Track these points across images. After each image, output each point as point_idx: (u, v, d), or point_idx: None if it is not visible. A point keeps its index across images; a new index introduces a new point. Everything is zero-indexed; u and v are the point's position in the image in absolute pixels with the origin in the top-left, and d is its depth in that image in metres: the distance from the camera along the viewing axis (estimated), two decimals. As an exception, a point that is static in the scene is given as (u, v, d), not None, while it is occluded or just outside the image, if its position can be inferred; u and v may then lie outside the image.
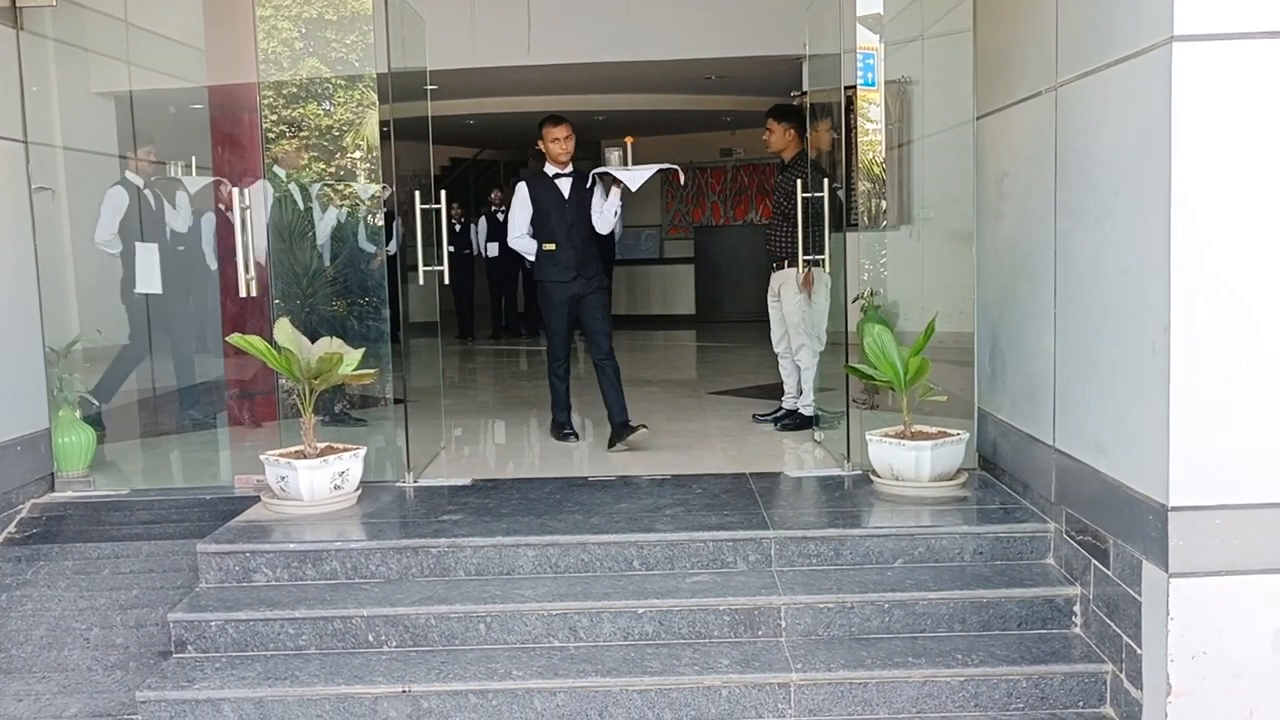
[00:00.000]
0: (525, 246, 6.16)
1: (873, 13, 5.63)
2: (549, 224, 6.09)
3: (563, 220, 6.06)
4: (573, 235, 6.02)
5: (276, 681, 3.78)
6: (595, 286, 6.14)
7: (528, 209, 6.13)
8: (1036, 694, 3.74)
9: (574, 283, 6.03)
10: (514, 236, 6.23)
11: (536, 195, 6.12)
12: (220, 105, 6.69)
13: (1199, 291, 3.23)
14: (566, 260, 6.04)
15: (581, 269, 6.03)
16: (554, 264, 6.07)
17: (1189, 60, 3.18)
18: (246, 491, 5.20)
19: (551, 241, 6.01)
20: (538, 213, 6.11)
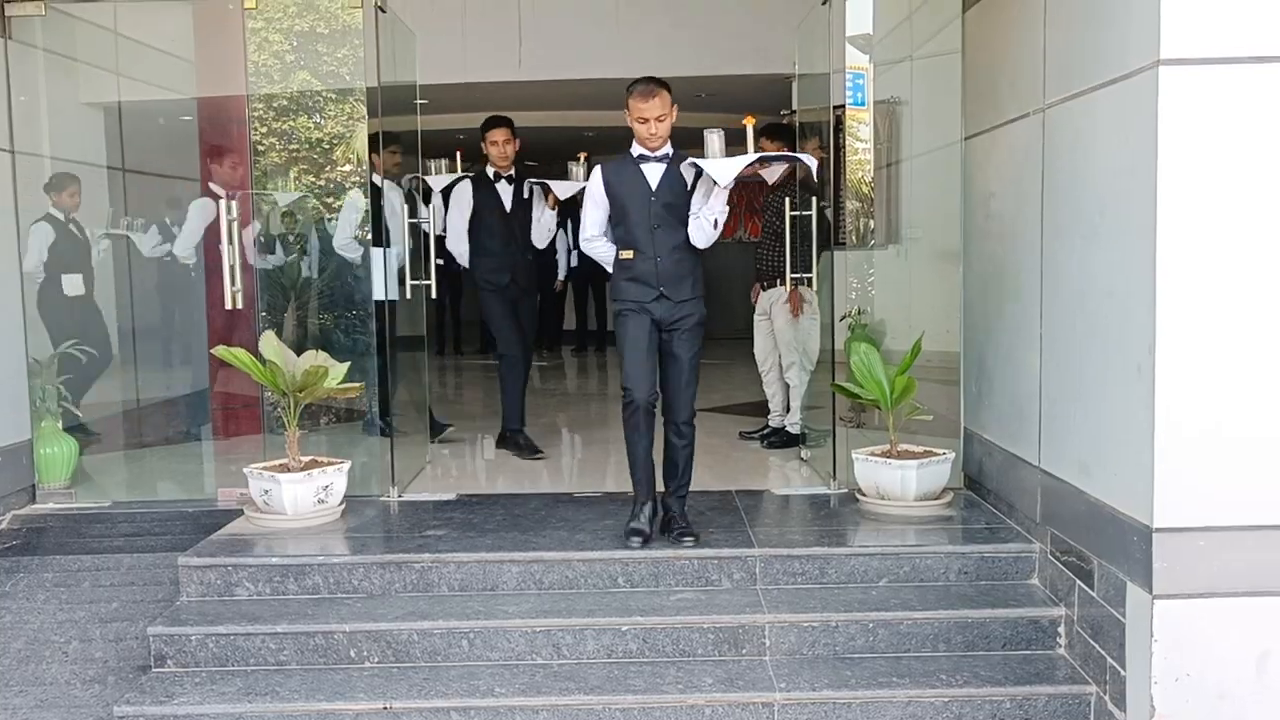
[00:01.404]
0: (601, 253, 4.62)
1: (862, 33, 5.64)
2: (627, 218, 4.47)
3: (645, 218, 4.43)
4: (658, 241, 4.43)
5: (257, 697, 3.75)
6: (686, 314, 4.45)
7: (601, 202, 4.53)
8: (1020, 715, 3.73)
9: (657, 304, 4.44)
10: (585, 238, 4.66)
11: (615, 184, 4.48)
12: (209, 117, 6.67)
13: (1184, 313, 3.24)
14: (647, 272, 4.44)
15: (668, 287, 4.45)
16: (631, 278, 4.48)
17: (1176, 84, 3.20)
18: (230, 505, 5.17)
19: (630, 247, 4.46)
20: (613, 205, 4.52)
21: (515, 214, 6.29)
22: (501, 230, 6.24)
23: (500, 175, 6.26)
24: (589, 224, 4.58)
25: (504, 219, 6.24)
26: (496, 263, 6.28)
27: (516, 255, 6.30)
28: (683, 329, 4.43)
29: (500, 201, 6.27)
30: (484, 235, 6.29)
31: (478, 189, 6.28)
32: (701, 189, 4.43)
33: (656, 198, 4.39)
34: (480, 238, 6.30)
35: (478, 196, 6.28)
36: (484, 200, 6.28)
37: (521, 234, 6.31)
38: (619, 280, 4.49)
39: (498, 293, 6.31)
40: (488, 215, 6.26)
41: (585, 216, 4.60)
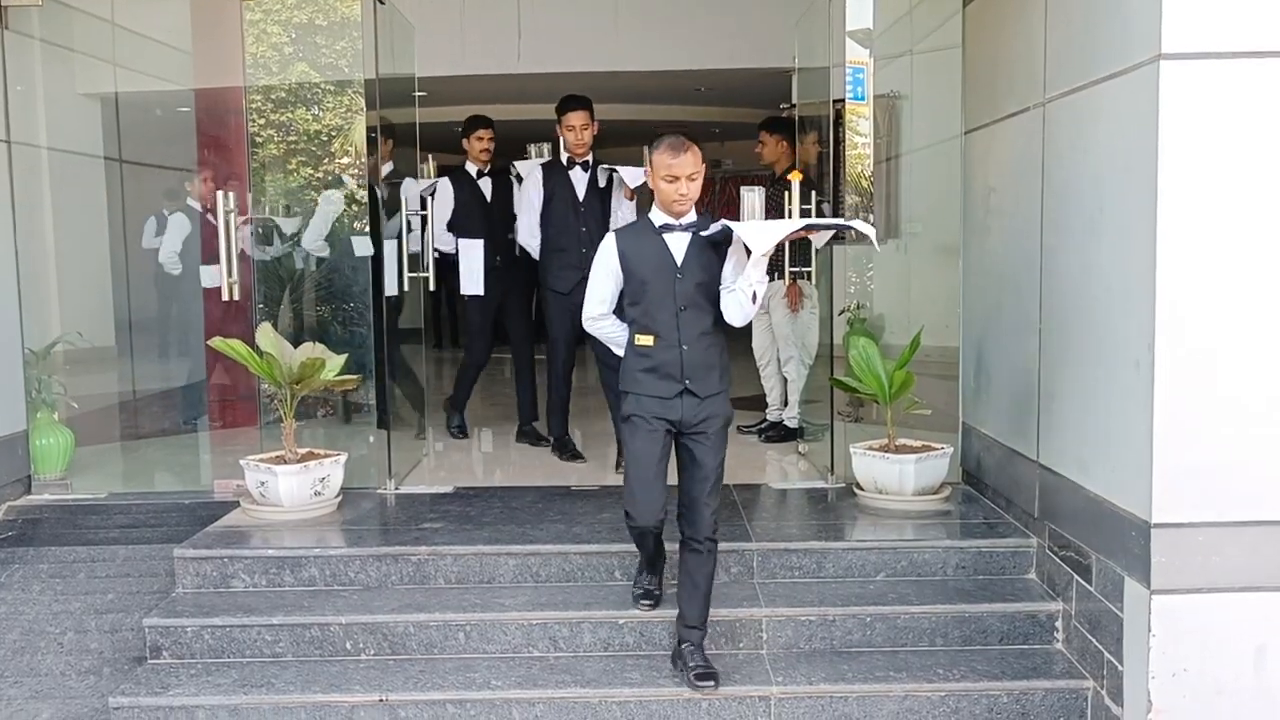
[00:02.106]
0: (609, 333, 3.82)
1: (862, 27, 5.62)
2: (645, 297, 3.66)
3: (670, 299, 3.64)
4: (684, 325, 3.63)
5: (252, 689, 3.74)
6: (712, 414, 3.69)
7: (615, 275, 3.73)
8: (1017, 709, 3.73)
9: (679, 402, 3.64)
10: (590, 316, 3.83)
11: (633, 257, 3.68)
12: (207, 109, 6.65)
13: (1184, 308, 3.23)
14: (670, 363, 3.64)
15: (695, 380, 3.65)
16: (649, 369, 3.66)
17: (1176, 78, 3.19)
18: (226, 496, 5.16)
19: (649, 332, 3.65)
20: (630, 282, 3.70)
21: (590, 204, 5.73)
22: (573, 223, 5.69)
23: (575, 161, 5.74)
24: (595, 299, 3.76)
25: (576, 211, 5.70)
26: (565, 260, 5.69)
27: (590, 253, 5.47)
28: (708, 431, 3.65)
29: (573, 190, 5.72)
30: (552, 229, 5.76)
31: (549, 177, 5.78)
32: (734, 256, 3.65)
33: (684, 275, 3.60)
34: (548, 232, 5.78)
35: (549, 185, 5.76)
36: (556, 189, 5.74)
37: (597, 228, 5.55)
38: (633, 370, 3.67)
39: (561, 300, 5.69)
40: (559, 206, 5.74)
41: (592, 289, 3.76)
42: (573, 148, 5.68)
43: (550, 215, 5.74)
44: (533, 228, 5.82)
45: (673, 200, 3.58)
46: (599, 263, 3.75)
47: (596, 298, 3.78)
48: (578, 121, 5.63)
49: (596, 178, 5.71)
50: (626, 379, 3.72)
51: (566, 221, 5.70)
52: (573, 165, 5.71)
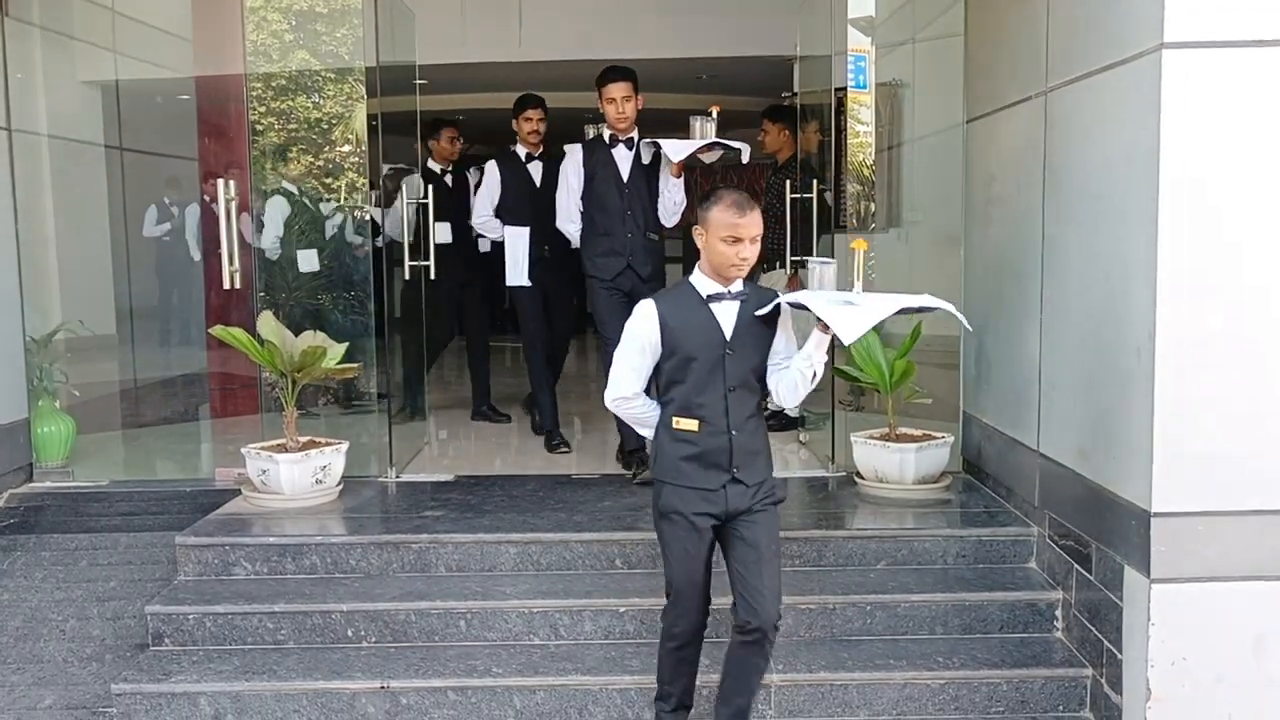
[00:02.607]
0: (639, 415, 3.30)
1: (864, 15, 5.61)
2: (690, 376, 3.17)
3: (718, 379, 3.17)
4: (734, 408, 3.18)
5: (254, 676, 3.75)
6: (763, 495, 3.24)
7: (652, 349, 3.21)
8: (1017, 697, 3.74)
9: (727, 491, 3.17)
10: (620, 396, 3.27)
11: (678, 329, 3.17)
12: (208, 96, 6.64)
13: (1184, 297, 3.23)
14: (717, 450, 3.18)
15: (744, 469, 3.20)
16: (692, 456, 3.18)
17: (1178, 67, 3.18)
18: (227, 484, 5.17)
19: (693, 415, 3.17)
20: (671, 358, 3.19)
21: (634, 184, 5.20)
22: (617, 205, 5.18)
23: (618, 139, 5.22)
24: (627, 379, 3.20)
25: (620, 191, 5.19)
26: (609, 246, 5.18)
27: (636, 237, 5.16)
28: (757, 508, 3.21)
29: (616, 169, 5.21)
30: (594, 212, 5.24)
31: (591, 155, 5.27)
32: (784, 329, 3.27)
33: (735, 351, 3.14)
34: (590, 215, 5.28)
35: (590, 164, 5.26)
36: (597, 168, 5.25)
37: (643, 210, 5.18)
38: (670, 458, 3.18)
39: (608, 287, 5.20)
40: (601, 187, 5.22)
41: (623, 363, 3.21)
42: (614, 123, 5.18)
43: (592, 197, 5.24)
44: (571, 211, 5.33)
45: (730, 265, 3.08)
46: (633, 333, 3.18)
47: (628, 375, 3.20)
48: (619, 93, 5.13)
49: (640, 155, 5.21)
50: (662, 467, 3.21)
51: (609, 203, 5.18)
52: (615, 143, 5.22)
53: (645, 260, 5.17)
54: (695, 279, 3.20)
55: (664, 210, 5.21)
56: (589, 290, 5.32)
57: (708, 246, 3.12)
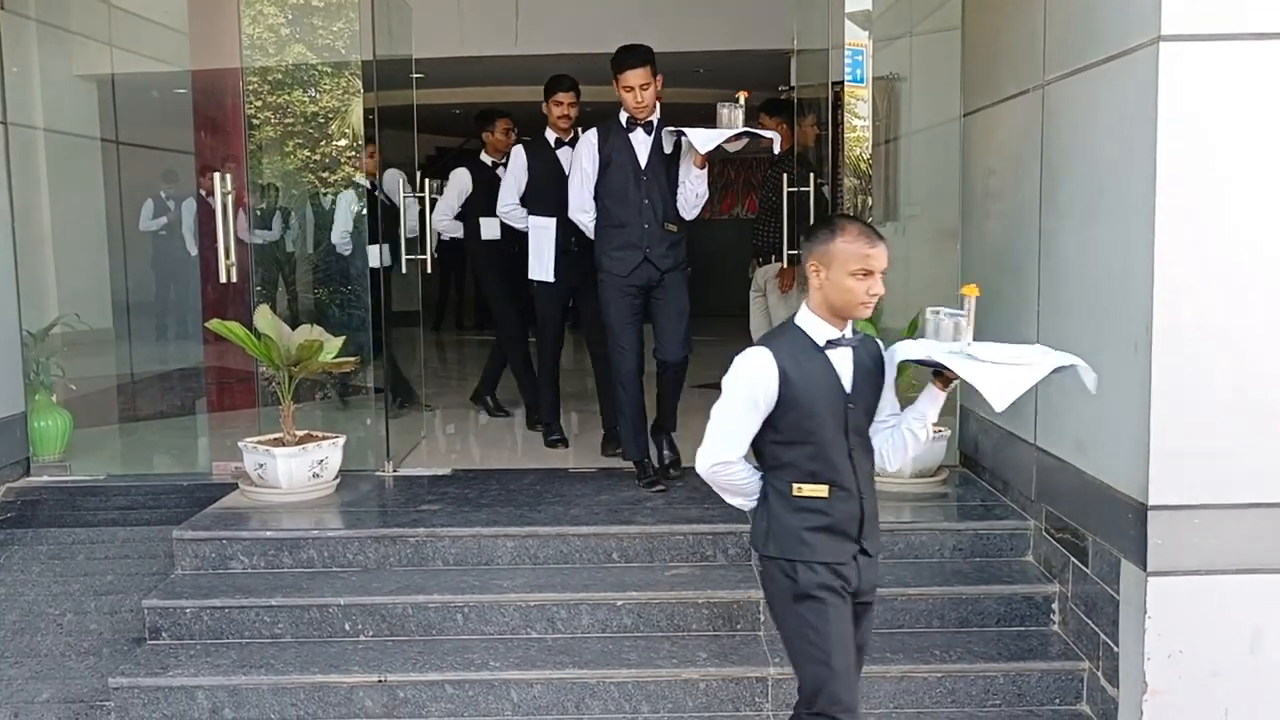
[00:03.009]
0: (740, 482, 2.85)
1: (861, 9, 5.61)
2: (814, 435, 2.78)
3: (841, 436, 2.82)
4: (860, 467, 2.88)
5: (251, 669, 3.75)
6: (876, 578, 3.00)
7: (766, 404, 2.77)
8: (1014, 691, 3.74)
9: (855, 565, 2.85)
10: (720, 461, 2.81)
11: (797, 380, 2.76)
12: (204, 90, 6.63)
13: (1182, 291, 3.23)
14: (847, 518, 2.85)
15: (870, 538, 2.93)
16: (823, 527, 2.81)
17: (1176, 60, 3.17)
18: (224, 478, 5.17)
19: (822, 480, 2.81)
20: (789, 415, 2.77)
21: (653, 172, 4.83)
22: (634, 195, 4.82)
23: (636, 123, 4.84)
24: (734, 440, 2.75)
25: (638, 180, 4.82)
26: (624, 239, 4.83)
27: (654, 228, 4.81)
28: (873, 601, 2.95)
29: (634, 155, 4.84)
30: (610, 202, 4.88)
31: (606, 139, 4.89)
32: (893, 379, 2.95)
33: (856, 404, 2.80)
34: (604, 205, 4.91)
35: (605, 149, 4.89)
36: (613, 154, 4.87)
37: (661, 199, 4.83)
38: (794, 530, 2.75)
39: (620, 283, 4.84)
40: (618, 174, 4.85)
41: (728, 424, 2.75)
42: (633, 111, 4.81)
43: (606, 185, 4.88)
44: (584, 200, 4.95)
45: (860, 304, 2.72)
46: (745, 385, 2.72)
47: (736, 435, 2.75)
48: (636, 81, 4.73)
49: (661, 141, 4.84)
50: (784, 543, 2.76)
51: (625, 192, 4.82)
52: (634, 127, 4.83)
53: (666, 252, 4.82)
54: (805, 321, 2.77)
55: (684, 203, 4.88)
56: (601, 287, 4.92)
57: (830, 282, 2.71)
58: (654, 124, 4.84)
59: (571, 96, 5.64)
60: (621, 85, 4.78)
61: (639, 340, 4.90)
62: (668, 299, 4.86)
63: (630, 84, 4.75)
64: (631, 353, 4.87)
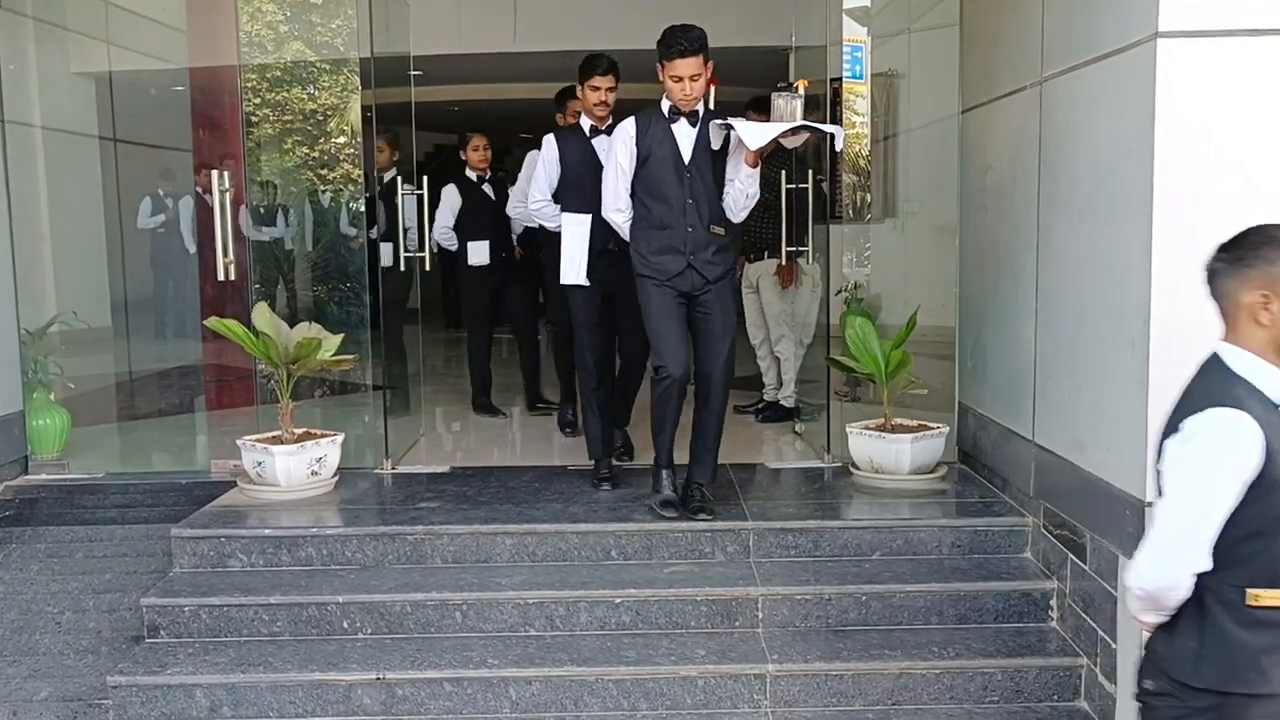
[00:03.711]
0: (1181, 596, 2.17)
1: (860, 5, 5.60)
2: None
3: None
4: None
5: (250, 668, 3.75)
6: None
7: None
8: (1012, 687, 3.74)
9: None
10: None
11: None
12: (202, 88, 6.63)
13: (1179, 288, 3.21)
14: None
15: None
16: None
17: (1173, 56, 3.17)
18: (223, 476, 5.16)
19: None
20: None
21: (698, 169, 4.36)
22: (676, 193, 4.35)
23: (679, 113, 4.37)
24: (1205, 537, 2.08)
25: (680, 176, 4.35)
26: (665, 241, 4.35)
27: (698, 230, 4.34)
28: None
29: (676, 149, 4.36)
30: (649, 198, 4.40)
31: (646, 130, 4.41)
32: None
33: None
34: (643, 201, 4.42)
35: (645, 142, 4.40)
36: (654, 147, 4.39)
37: (707, 198, 4.36)
38: (1251, 651, 2.11)
39: (663, 287, 4.36)
40: (657, 170, 4.37)
41: (1186, 525, 2.09)
42: (680, 103, 4.32)
43: (645, 181, 4.39)
44: (620, 196, 4.46)
45: None
46: (1226, 463, 2.07)
47: (1203, 536, 2.08)
48: (687, 71, 4.24)
49: (707, 134, 4.37)
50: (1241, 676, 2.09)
51: (666, 191, 4.35)
52: (676, 117, 4.36)
53: (712, 259, 4.34)
54: (1250, 370, 2.15)
55: (732, 203, 4.40)
56: (640, 288, 4.42)
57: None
58: (699, 114, 4.37)
59: (610, 80, 5.02)
60: (669, 74, 4.28)
61: (686, 349, 4.36)
62: (714, 313, 4.37)
63: (680, 74, 4.24)
64: (679, 362, 4.30)
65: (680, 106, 4.33)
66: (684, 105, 4.33)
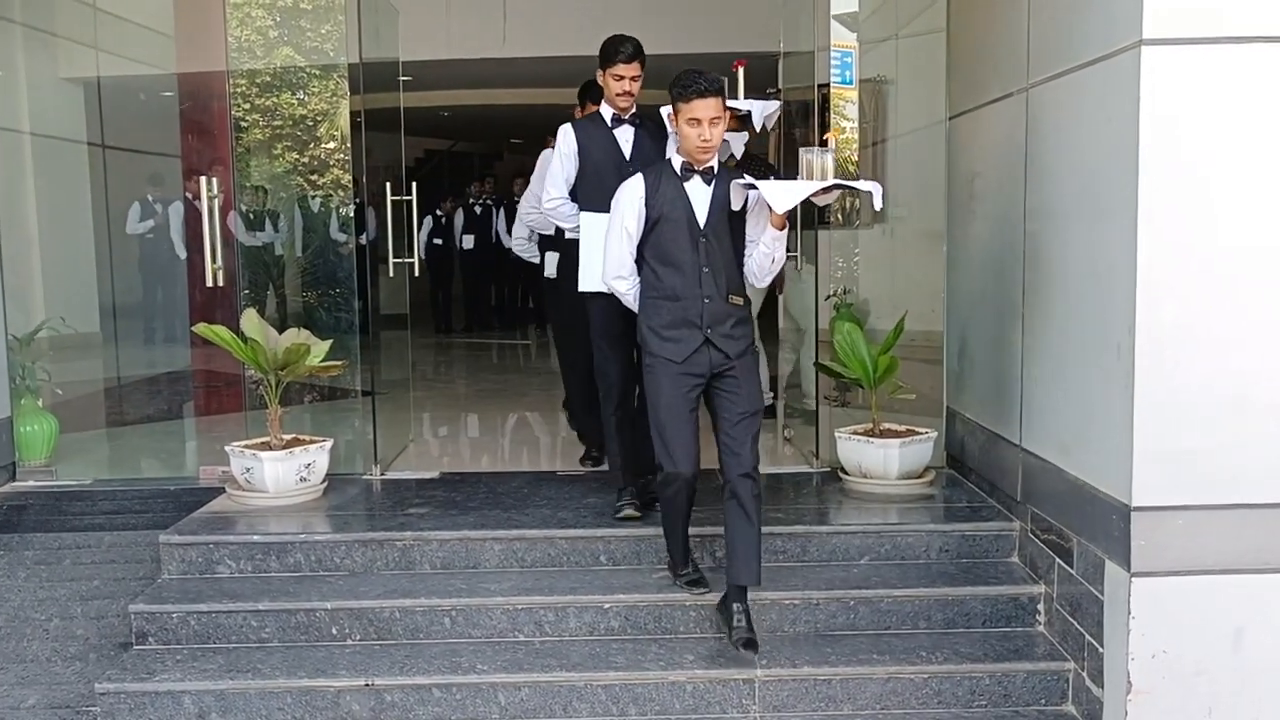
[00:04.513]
0: None
1: (848, 11, 5.63)
2: None
3: None
4: None
5: (238, 674, 3.75)
6: None
7: None
8: (1000, 691, 3.76)
9: None
10: None
11: None
12: (190, 93, 6.63)
13: (1164, 294, 3.24)
14: None
15: None
16: None
17: (1157, 64, 3.19)
18: (211, 483, 5.16)
19: None
20: None
21: (714, 231, 3.80)
22: (689, 258, 3.78)
23: (692, 169, 3.80)
24: None
25: (695, 240, 3.78)
26: (677, 314, 3.79)
27: (716, 301, 3.77)
28: None
29: (689, 210, 3.79)
30: (659, 264, 3.83)
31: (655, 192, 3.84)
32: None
33: None
34: (651, 268, 3.86)
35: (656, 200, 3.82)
36: (665, 207, 3.80)
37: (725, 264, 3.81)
38: None
39: (673, 369, 3.79)
40: (669, 232, 3.80)
41: None
42: (694, 153, 3.77)
43: (656, 246, 3.83)
44: (624, 262, 3.90)
45: None
46: None
47: None
48: (706, 114, 3.69)
49: (726, 194, 3.81)
50: None
51: (680, 257, 3.79)
52: (689, 174, 3.80)
53: (732, 331, 3.80)
54: None
55: (755, 268, 3.88)
56: (647, 372, 3.88)
57: None
58: (714, 171, 3.82)
59: (635, 68, 4.44)
60: (685, 117, 3.72)
61: (698, 445, 3.85)
62: (737, 393, 3.80)
63: (698, 116, 3.70)
64: (688, 460, 3.81)
65: (695, 157, 3.77)
66: (699, 155, 3.76)
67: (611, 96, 4.49)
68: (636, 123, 4.45)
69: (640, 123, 4.46)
